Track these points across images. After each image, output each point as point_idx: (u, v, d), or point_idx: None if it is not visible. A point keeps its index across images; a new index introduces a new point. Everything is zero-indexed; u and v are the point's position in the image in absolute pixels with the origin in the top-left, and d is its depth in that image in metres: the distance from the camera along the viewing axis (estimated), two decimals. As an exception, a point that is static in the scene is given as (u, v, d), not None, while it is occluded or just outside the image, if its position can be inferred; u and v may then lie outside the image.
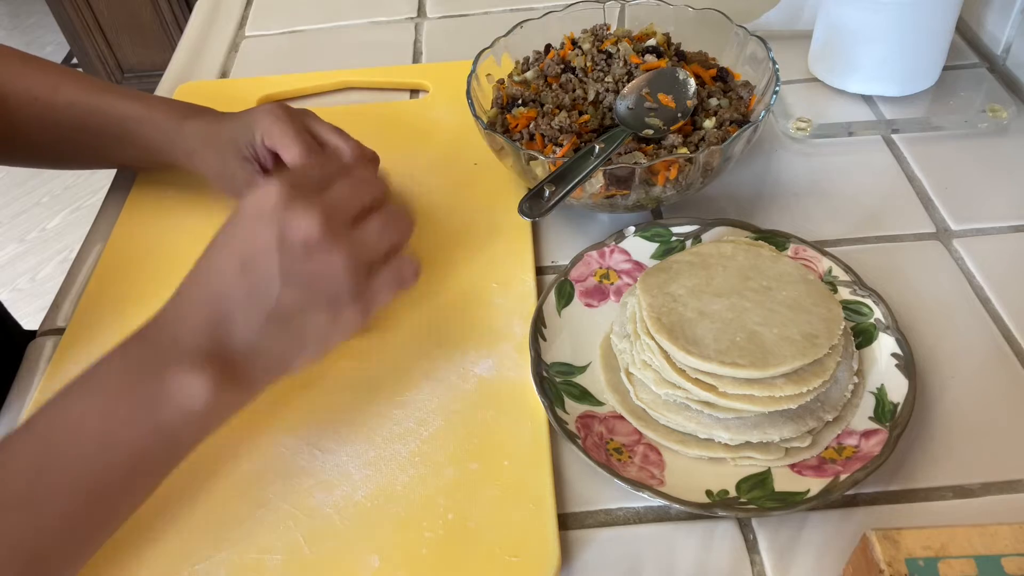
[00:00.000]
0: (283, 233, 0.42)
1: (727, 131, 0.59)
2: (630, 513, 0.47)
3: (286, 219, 0.42)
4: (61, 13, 2.36)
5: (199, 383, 0.41)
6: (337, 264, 0.42)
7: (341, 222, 0.43)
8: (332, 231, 0.42)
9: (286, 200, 0.42)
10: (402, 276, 0.47)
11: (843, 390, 0.48)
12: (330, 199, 0.44)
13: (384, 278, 0.45)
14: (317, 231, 0.42)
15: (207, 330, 0.42)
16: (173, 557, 0.45)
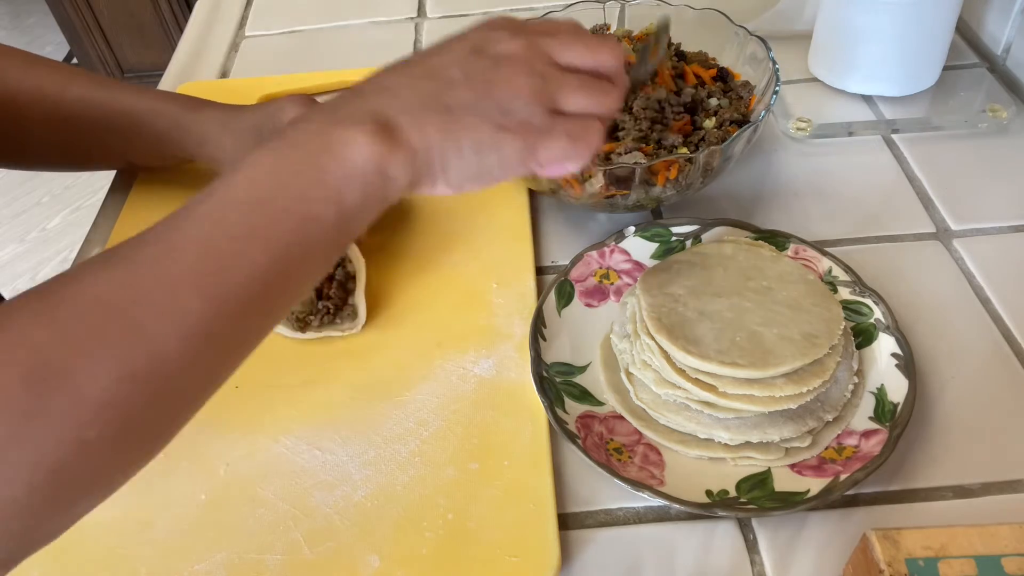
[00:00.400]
0: (483, 44, 0.41)
1: (727, 131, 0.59)
2: (630, 513, 0.47)
3: (491, 35, 0.42)
4: (61, 13, 2.36)
5: (359, 135, 0.38)
6: (520, 86, 0.40)
7: (544, 60, 0.41)
8: (530, 60, 0.41)
9: (499, 24, 0.42)
10: (583, 133, 0.41)
11: (843, 390, 0.48)
12: (544, 39, 0.42)
13: (563, 126, 0.41)
14: (515, 53, 0.41)
15: (374, 93, 0.42)
16: (173, 557, 0.45)
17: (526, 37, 0.41)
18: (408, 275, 0.60)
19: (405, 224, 0.64)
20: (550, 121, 0.40)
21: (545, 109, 0.40)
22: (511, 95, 0.40)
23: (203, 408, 0.53)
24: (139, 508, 0.48)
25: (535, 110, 0.40)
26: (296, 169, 0.38)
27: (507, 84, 0.40)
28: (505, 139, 0.39)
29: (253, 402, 0.53)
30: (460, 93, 0.40)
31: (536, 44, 0.41)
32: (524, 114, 0.39)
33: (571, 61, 0.42)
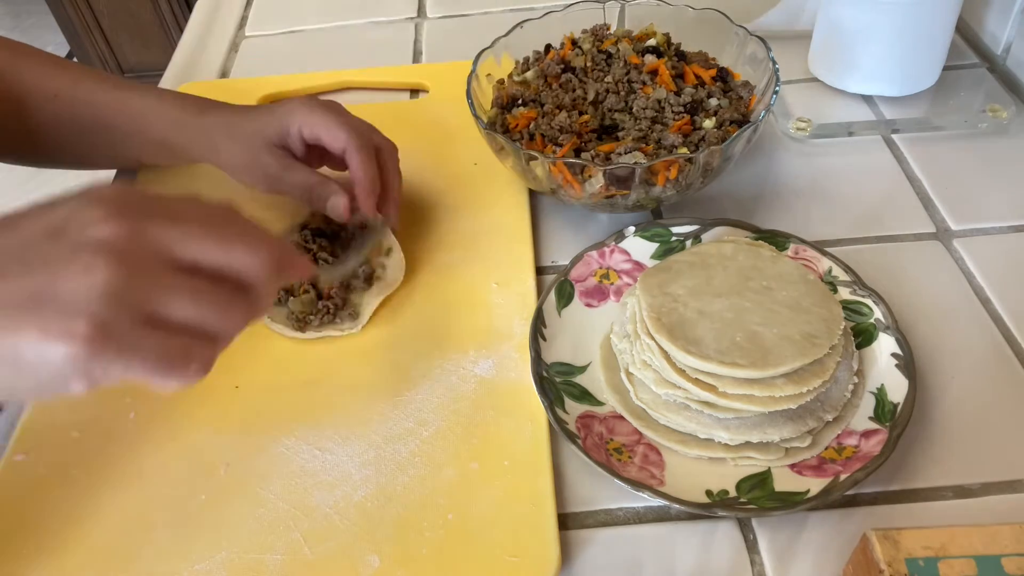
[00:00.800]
0: (65, 222, 0.31)
1: (727, 131, 0.59)
2: (630, 513, 0.47)
3: (85, 211, 0.31)
4: (61, 13, 2.35)
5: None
6: (98, 275, 0.30)
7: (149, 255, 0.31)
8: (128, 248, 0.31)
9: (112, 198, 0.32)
10: (180, 357, 0.32)
11: (843, 390, 0.48)
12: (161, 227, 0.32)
13: (153, 340, 0.31)
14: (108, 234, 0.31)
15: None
16: (173, 557, 0.45)
17: (131, 222, 0.31)
18: (408, 275, 0.60)
19: (405, 224, 0.64)
20: (132, 332, 0.31)
21: (129, 315, 0.30)
22: (79, 292, 0.30)
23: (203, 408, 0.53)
24: (139, 508, 0.48)
25: (112, 312, 0.30)
26: None
27: (76, 279, 0.30)
28: (55, 351, 0.30)
29: (253, 402, 0.53)
30: (6, 289, 0.30)
31: (144, 231, 0.31)
32: (95, 313, 0.30)
33: (194, 257, 0.32)
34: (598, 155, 0.59)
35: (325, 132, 0.57)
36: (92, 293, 0.30)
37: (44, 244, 0.31)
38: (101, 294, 0.30)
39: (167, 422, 0.52)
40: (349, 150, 0.57)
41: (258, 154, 0.59)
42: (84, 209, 0.31)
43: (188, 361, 0.32)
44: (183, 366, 0.32)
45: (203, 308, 0.32)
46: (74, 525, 0.47)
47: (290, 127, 0.58)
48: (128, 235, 0.31)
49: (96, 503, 0.48)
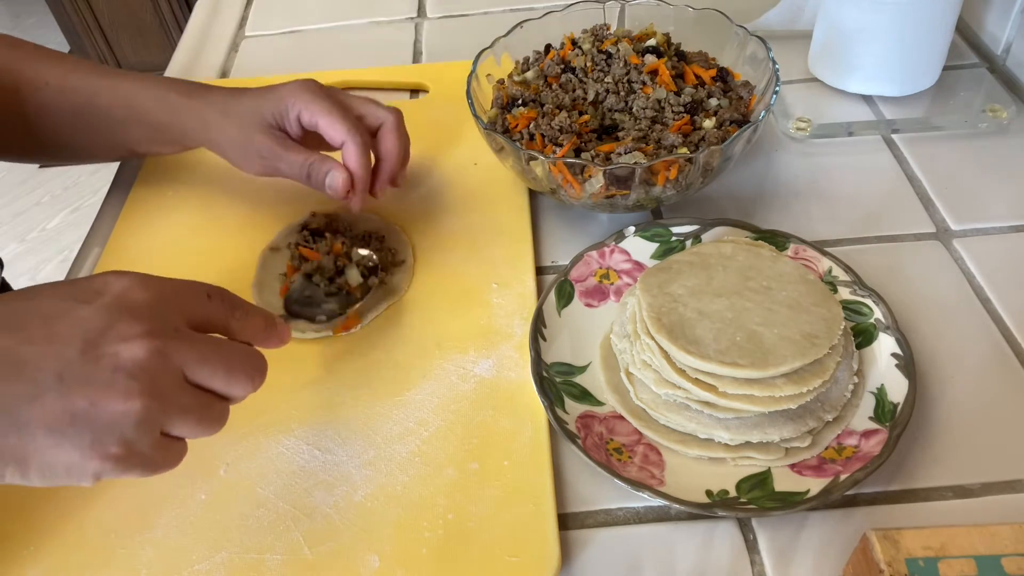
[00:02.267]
0: (103, 337, 0.34)
1: (727, 131, 0.59)
2: (630, 513, 0.47)
3: (119, 326, 0.34)
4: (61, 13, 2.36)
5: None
6: (132, 413, 0.34)
7: (172, 377, 0.35)
8: (154, 377, 0.34)
9: (142, 308, 0.35)
10: (170, 460, 0.37)
11: (843, 390, 0.48)
12: (183, 347, 0.36)
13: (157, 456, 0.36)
14: (139, 363, 0.34)
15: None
16: (173, 557, 0.45)
17: (160, 343, 0.35)
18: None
19: (405, 224, 0.64)
20: (150, 451, 0.35)
21: (152, 437, 0.35)
22: (117, 420, 0.33)
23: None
24: (139, 508, 0.48)
25: (142, 438, 0.34)
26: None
27: (115, 408, 0.33)
28: (89, 467, 0.34)
29: (253, 402, 0.53)
30: (47, 407, 0.33)
31: (170, 355, 0.35)
32: (128, 439, 0.34)
33: (202, 383, 0.37)
34: (598, 155, 0.59)
35: (326, 123, 0.57)
36: (127, 421, 0.34)
37: (82, 362, 0.33)
38: (134, 422, 0.34)
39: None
40: (348, 145, 0.57)
41: (253, 134, 0.58)
42: (118, 323, 0.35)
43: (172, 461, 0.37)
44: (166, 467, 0.37)
45: (199, 425, 0.37)
46: (74, 525, 0.47)
47: (289, 110, 0.58)
48: (157, 359, 0.35)
49: (96, 503, 0.48)
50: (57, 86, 0.61)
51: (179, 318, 0.37)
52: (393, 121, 0.60)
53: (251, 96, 0.60)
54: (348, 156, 0.57)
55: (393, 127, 0.60)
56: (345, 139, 0.57)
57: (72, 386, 0.33)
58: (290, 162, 0.58)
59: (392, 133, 0.60)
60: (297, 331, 0.56)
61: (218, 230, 0.66)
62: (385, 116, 0.60)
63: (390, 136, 0.60)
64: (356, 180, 0.57)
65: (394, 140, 0.60)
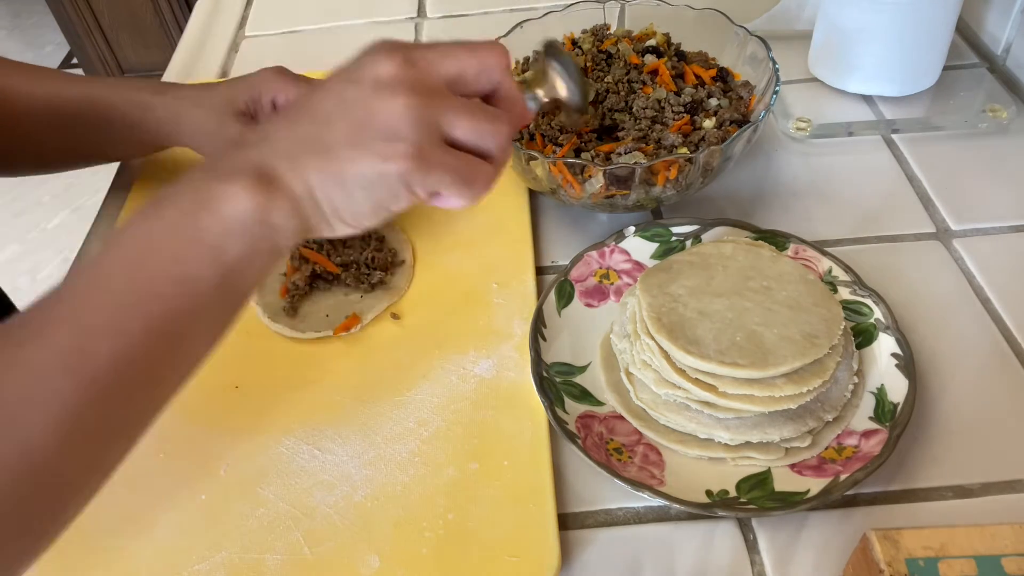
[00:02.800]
0: (357, 69, 0.39)
1: (727, 131, 0.59)
2: (630, 513, 0.47)
3: (365, 57, 0.39)
4: (61, 13, 2.36)
5: (237, 187, 0.36)
6: (401, 109, 0.37)
7: (425, 77, 0.38)
8: (410, 79, 0.38)
9: (378, 46, 0.39)
10: (472, 174, 0.39)
11: (843, 390, 0.48)
12: (421, 50, 0.39)
13: (453, 161, 0.38)
14: (392, 73, 0.38)
15: (253, 145, 0.38)
16: (173, 557, 0.45)
17: (402, 53, 0.38)
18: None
19: (405, 224, 0.64)
20: (439, 151, 0.38)
21: (431, 134, 0.38)
22: (391, 121, 0.37)
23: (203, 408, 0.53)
24: (139, 508, 0.48)
25: (420, 134, 0.37)
26: (171, 229, 0.36)
27: (385, 110, 0.37)
28: (390, 169, 0.37)
29: (253, 402, 0.53)
30: (337, 129, 0.38)
31: (413, 58, 0.38)
32: (409, 139, 0.37)
33: (453, 69, 0.39)
34: (598, 155, 0.59)
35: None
36: (402, 120, 0.37)
37: (351, 90, 0.38)
38: (408, 119, 0.37)
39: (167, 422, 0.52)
40: None
41: (224, 121, 0.59)
42: (371, 60, 0.38)
43: (478, 175, 0.39)
44: (475, 179, 0.39)
45: (480, 127, 0.39)
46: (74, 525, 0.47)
47: (262, 95, 0.58)
48: (403, 64, 0.38)
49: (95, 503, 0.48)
50: (26, 94, 0.61)
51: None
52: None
53: (222, 86, 0.60)
54: None
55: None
56: None
57: (350, 107, 0.37)
58: None
59: None
60: (297, 331, 0.56)
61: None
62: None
63: None
64: None
65: None
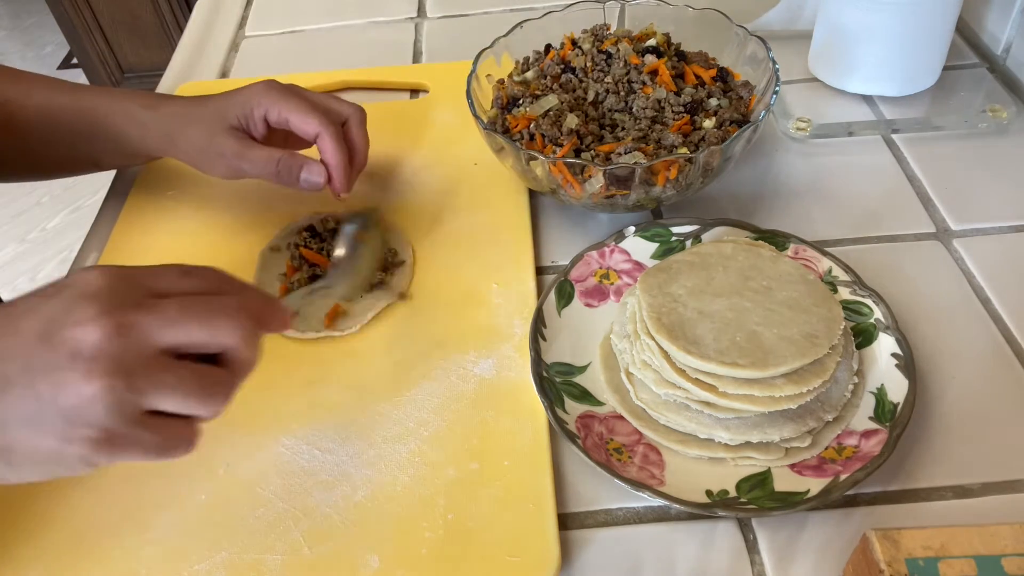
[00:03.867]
0: (61, 325, 0.34)
1: (727, 131, 0.59)
2: (630, 513, 0.47)
3: (75, 311, 0.34)
4: (61, 13, 2.35)
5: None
6: (93, 395, 0.33)
7: (136, 350, 0.34)
8: (114, 354, 0.33)
9: (99, 292, 0.34)
10: (169, 445, 0.36)
11: (843, 390, 0.48)
12: (143, 317, 0.34)
13: (146, 437, 0.35)
14: (94, 344, 0.33)
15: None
16: (173, 557, 0.45)
17: (115, 317, 0.34)
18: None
19: (405, 225, 0.64)
20: (131, 431, 0.34)
21: (125, 417, 0.34)
22: (80, 404, 0.33)
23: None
24: (139, 508, 0.48)
25: (111, 419, 0.34)
26: None
27: (76, 391, 0.33)
28: (69, 451, 0.34)
29: (253, 402, 0.53)
30: (17, 401, 0.33)
31: (128, 326, 0.34)
32: (97, 425, 0.34)
33: (179, 343, 0.35)
34: (598, 155, 0.59)
35: (296, 117, 0.57)
36: (93, 403, 0.33)
37: (42, 350, 0.33)
38: (102, 404, 0.33)
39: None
40: (323, 136, 0.57)
41: (215, 137, 0.58)
42: (74, 308, 0.34)
43: (178, 444, 0.36)
44: (173, 449, 0.36)
45: (189, 399, 0.35)
46: (74, 525, 0.47)
47: (253, 110, 0.58)
48: (117, 334, 0.34)
49: (96, 503, 0.48)
50: (19, 103, 0.61)
51: (142, 294, 0.36)
52: (358, 117, 0.61)
53: (214, 100, 0.60)
54: (324, 146, 0.58)
55: (359, 123, 0.61)
56: (319, 130, 0.57)
57: (36, 375, 0.33)
58: (253, 160, 0.58)
59: (359, 128, 0.61)
60: (297, 331, 0.56)
61: (217, 230, 0.66)
62: (350, 112, 0.61)
63: (357, 131, 0.61)
64: (335, 168, 0.58)
65: (361, 135, 0.61)
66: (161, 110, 0.61)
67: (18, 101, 0.61)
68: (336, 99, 0.62)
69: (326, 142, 0.57)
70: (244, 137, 0.59)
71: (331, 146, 0.57)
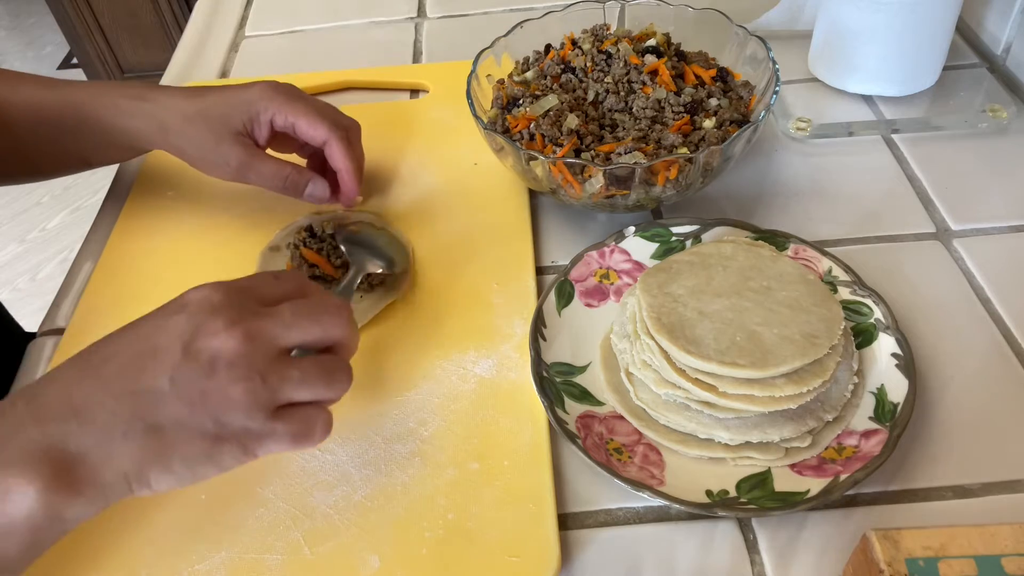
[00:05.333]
0: (195, 338, 0.37)
1: (727, 131, 0.59)
2: (630, 513, 0.47)
3: (206, 324, 0.38)
4: (61, 13, 2.36)
5: (23, 481, 0.34)
6: (237, 396, 0.37)
7: (264, 352, 0.38)
8: (248, 358, 0.37)
9: (221, 305, 0.38)
10: (307, 430, 0.40)
11: (843, 390, 0.48)
12: (265, 323, 0.39)
13: (285, 427, 0.39)
14: (231, 351, 0.37)
15: (58, 419, 0.36)
16: (173, 557, 0.45)
17: (243, 326, 0.38)
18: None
19: (405, 225, 0.64)
20: (271, 424, 0.38)
21: (266, 413, 0.38)
22: (227, 406, 0.37)
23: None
24: (139, 508, 0.48)
25: (254, 416, 0.38)
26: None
27: (222, 395, 0.37)
28: (221, 450, 0.38)
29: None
30: (170, 408, 0.37)
31: (255, 333, 0.38)
32: (241, 422, 0.38)
33: (300, 340, 0.40)
34: (598, 155, 0.59)
35: (305, 123, 0.57)
36: (237, 404, 0.37)
37: (185, 363, 0.37)
38: (245, 405, 0.37)
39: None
40: (331, 142, 0.57)
41: (220, 142, 0.58)
42: (205, 323, 0.38)
43: (314, 427, 0.40)
44: (311, 433, 0.40)
45: (315, 388, 0.40)
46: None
47: (260, 114, 0.58)
48: (246, 342, 0.38)
49: (96, 503, 0.48)
50: (4, 101, 0.60)
51: (255, 303, 0.40)
52: (356, 130, 0.62)
53: (215, 100, 0.59)
54: (334, 152, 0.58)
55: (357, 136, 0.62)
56: (328, 137, 0.57)
57: (183, 385, 0.37)
58: (261, 173, 0.58)
59: (357, 143, 0.61)
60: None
61: (218, 229, 0.66)
62: (349, 123, 0.61)
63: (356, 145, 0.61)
64: (346, 172, 0.58)
65: (359, 149, 0.61)
66: (152, 101, 0.59)
67: (3, 98, 0.60)
68: (334, 110, 0.62)
69: (335, 148, 0.57)
70: (250, 145, 0.59)
71: (341, 152, 0.57)
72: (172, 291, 0.45)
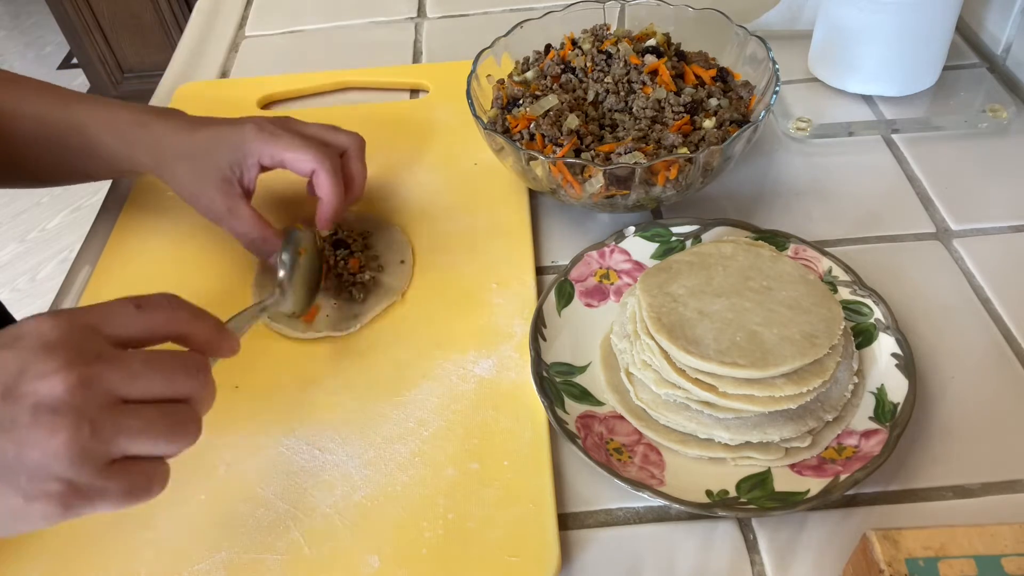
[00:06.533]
0: (20, 379, 0.33)
1: (727, 131, 0.59)
2: (630, 513, 0.47)
3: (35, 365, 0.33)
4: (61, 13, 2.35)
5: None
6: (58, 447, 0.33)
7: (99, 401, 0.34)
8: (78, 406, 0.33)
9: (57, 343, 0.34)
10: (143, 487, 0.36)
11: (843, 390, 0.48)
12: (106, 369, 0.34)
13: (117, 485, 0.35)
14: (56, 398, 0.33)
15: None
16: (173, 557, 0.45)
17: (78, 370, 0.33)
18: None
19: (405, 225, 0.64)
20: (100, 481, 0.34)
21: (94, 467, 0.34)
22: (45, 460, 0.33)
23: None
24: (139, 508, 0.48)
25: (80, 471, 0.33)
26: None
27: (41, 447, 0.32)
28: (35, 509, 0.33)
29: (253, 402, 0.53)
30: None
31: (90, 379, 0.34)
32: (64, 478, 0.33)
33: (142, 395, 0.35)
34: (598, 155, 0.59)
35: (291, 156, 0.57)
36: (58, 457, 0.33)
37: (3, 407, 0.33)
38: (67, 457, 0.33)
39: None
40: (318, 172, 0.57)
41: (206, 187, 0.58)
42: (35, 361, 0.33)
43: (149, 486, 0.36)
44: (144, 492, 0.36)
45: (159, 440, 0.36)
46: (73, 525, 0.47)
47: (247, 157, 0.57)
48: (79, 389, 0.33)
49: (96, 503, 0.48)
50: (11, 113, 0.60)
51: (101, 342, 0.36)
52: (357, 147, 0.61)
53: (206, 137, 0.58)
54: (321, 184, 0.57)
55: (357, 154, 0.61)
56: (315, 167, 0.57)
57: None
58: (232, 227, 0.58)
59: (357, 160, 0.60)
60: (297, 331, 0.56)
61: (216, 231, 0.65)
62: (349, 142, 0.60)
63: (355, 163, 0.60)
64: (327, 204, 0.57)
65: (359, 167, 0.61)
66: (151, 131, 0.59)
67: (10, 110, 0.60)
68: (334, 130, 0.61)
69: (321, 178, 0.57)
70: (231, 195, 0.58)
71: (326, 182, 0.57)
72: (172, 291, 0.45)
